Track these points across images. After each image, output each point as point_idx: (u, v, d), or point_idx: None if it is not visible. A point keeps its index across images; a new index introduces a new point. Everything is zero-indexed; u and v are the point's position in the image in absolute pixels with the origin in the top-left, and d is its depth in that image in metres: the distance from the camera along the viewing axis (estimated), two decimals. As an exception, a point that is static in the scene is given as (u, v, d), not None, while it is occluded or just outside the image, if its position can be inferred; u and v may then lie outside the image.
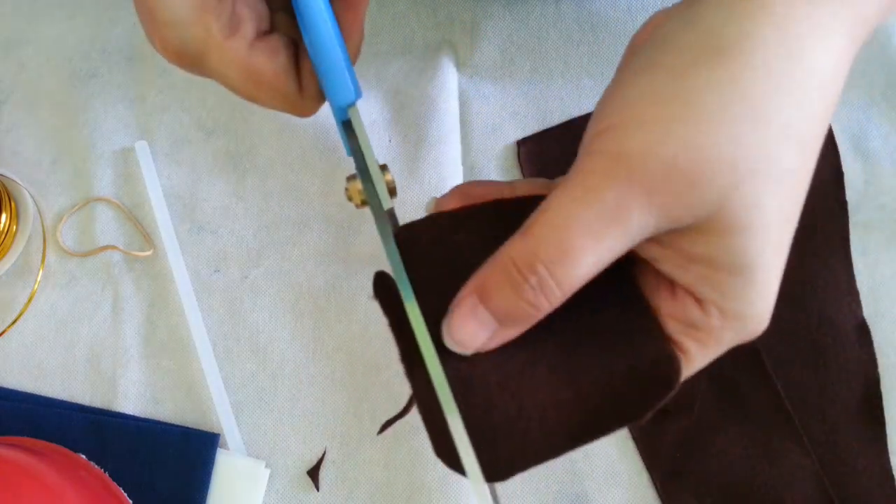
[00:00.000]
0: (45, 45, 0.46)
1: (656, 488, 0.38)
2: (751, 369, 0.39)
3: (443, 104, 0.43)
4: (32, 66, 0.46)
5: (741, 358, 0.39)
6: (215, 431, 0.39)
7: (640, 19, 0.45)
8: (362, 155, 0.30)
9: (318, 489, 0.39)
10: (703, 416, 0.39)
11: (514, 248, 0.24)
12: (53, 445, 0.38)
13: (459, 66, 0.45)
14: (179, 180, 0.44)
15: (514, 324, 0.25)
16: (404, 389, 0.40)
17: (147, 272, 0.42)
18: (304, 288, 0.42)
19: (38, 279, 0.42)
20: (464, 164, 0.43)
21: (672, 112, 0.23)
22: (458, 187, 0.30)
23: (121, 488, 0.37)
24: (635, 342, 0.26)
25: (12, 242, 0.42)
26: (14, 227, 0.42)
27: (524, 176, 0.43)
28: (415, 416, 0.39)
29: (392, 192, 0.30)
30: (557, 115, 0.44)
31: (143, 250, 0.43)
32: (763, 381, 0.39)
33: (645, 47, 0.25)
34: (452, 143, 0.43)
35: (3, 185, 0.43)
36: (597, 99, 0.44)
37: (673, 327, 0.26)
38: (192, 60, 0.29)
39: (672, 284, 0.26)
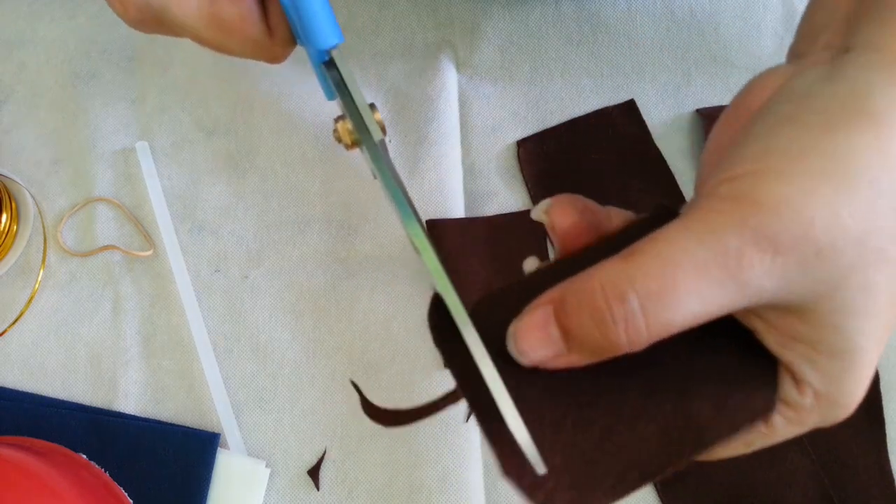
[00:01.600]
0: (46, 45, 0.46)
1: (656, 488, 0.38)
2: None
3: (443, 104, 0.43)
4: (33, 66, 0.46)
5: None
6: (215, 431, 0.39)
7: (641, 19, 0.45)
8: (349, 93, 0.28)
9: (318, 489, 0.39)
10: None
11: (608, 270, 0.22)
12: (54, 445, 0.38)
13: (459, 66, 0.45)
14: (180, 180, 0.44)
15: (584, 354, 0.23)
16: (404, 389, 0.40)
17: (147, 272, 0.42)
18: (304, 288, 0.42)
19: (39, 279, 0.42)
20: (464, 164, 0.43)
21: (816, 169, 0.21)
22: (568, 198, 0.27)
23: (121, 488, 0.37)
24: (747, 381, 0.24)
25: (13, 242, 0.42)
26: (14, 227, 0.42)
27: (524, 176, 0.43)
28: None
29: (382, 130, 0.28)
30: (557, 115, 0.44)
31: (143, 250, 0.43)
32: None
33: (779, 102, 0.23)
34: (452, 143, 0.43)
35: (4, 185, 0.43)
36: (596, 98, 0.44)
37: None
38: (154, 16, 0.28)
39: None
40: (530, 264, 0.28)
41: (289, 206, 0.43)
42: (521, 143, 0.43)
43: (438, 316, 0.24)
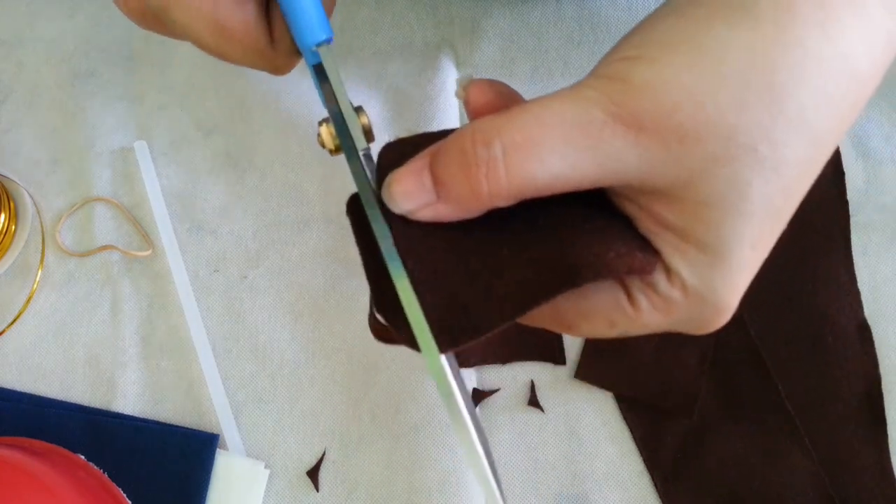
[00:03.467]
0: (44, 44, 0.46)
1: (657, 489, 0.38)
2: (751, 369, 0.39)
3: (442, 103, 0.43)
4: (31, 65, 0.46)
5: (741, 357, 0.39)
6: (214, 432, 0.39)
7: (641, 19, 0.45)
8: (335, 95, 0.28)
9: (317, 489, 0.39)
10: (703, 416, 0.39)
11: (482, 121, 0.23)
12: (52, 446, 0.37)
13: (459, 65, 0.45)
14: (178, 180, 0.44)
15: (449, 200, 0.24)
16: (404, 390, 0.40)
17: (146, 272, 0.42)
18: (304, 288, 0.41)
19: (37, 279, 0.42)
20: (464, 163, 0.43)
21: (686, 59, 0.21)
22: (489, 80, 0.27)
23: (120, 489, 0.37)
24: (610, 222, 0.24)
25: (11, 242, 0.42)
26: (13, 226, 0.42)
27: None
28: (413, 416, 0.39)
29: (368, 135, 0.28)
30: (557, 114, 0.44)
31: (141, 250, 0.42)
32: (764, 381, 0.39)
33: None
34: (452, 142, 0.43)
35: (2, 185, 0.43)
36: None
37: (633, 281, 0.25)
38: (155, 15, 0.28)
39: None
40: (462, 80, 0.28)
41: (288, 205, 0.43)
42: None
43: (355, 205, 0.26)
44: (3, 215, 0.42)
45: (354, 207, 0.27)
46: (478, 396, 0.39)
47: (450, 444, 0.39)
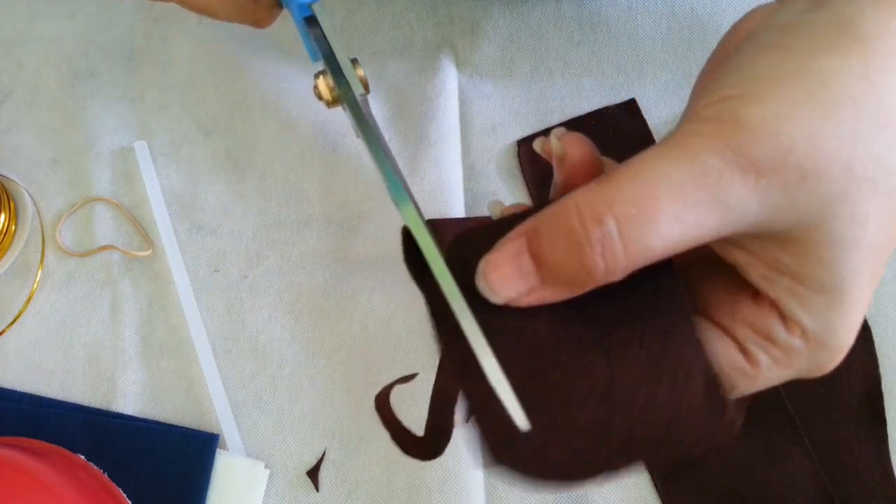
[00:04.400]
0: (44, 44, 0.46)
1: (656, 489, 0.38)
2: (751, 369, 0.39)
3: (442, 103, 0.43)
4: (31, 65, 0.46)
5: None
6: (214, 432, 0.39)
7: (641, 19, 0.45)
8: (330, 47, 0.27)
9: (317, 490, 0.39)
10: (703, 416, 0.39)
11: (584, 193, 0.21)
12: (52, 446, 0.37)
13: (459, 65, 0.45)
14: (178, 180, 0.44)
15: (559, 285, 0.22)
16: (404, 390, 0.40)
17: (146, 272, 0.42)
18: (304, 288, 0.41)
19: (37, 279, 0.42)
20: (464, 163, 0.43)
21: (799, 92, 0.20)
22: (579, 134, 0.25)
23: (119, 489, 0.37)
24: (685, 355, 0.23)
25: (11, 242, 0.42)
26: (13, 226, 0.42)
27: (524, 176, 0.43)
28: (413, 416, 0.39)
29: (365, 85, 0.27)
30: (557, 114, 0.44)
31: (141, 250, 0.42)
32: (764, 381, 0.39)
33: (764, 32, 0.22)
34: (452, 142, 0.43)
35: (2, 185, 0.43)
36: (597, 98, 0.44)
37: (748, 336, 0.23)
38: None
39: (757, 293, 0.23)
40: (495, 208, 0.27)
41: (288, 205, 0.43)
42: (522, 143, 0.43)
43: (411, 253, 0.24)
44: (3, 215, 0.42)
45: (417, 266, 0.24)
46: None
47: (450, 444, 0.39)
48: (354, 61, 0.27)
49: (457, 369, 0.23)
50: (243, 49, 0.45)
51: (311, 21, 0.28)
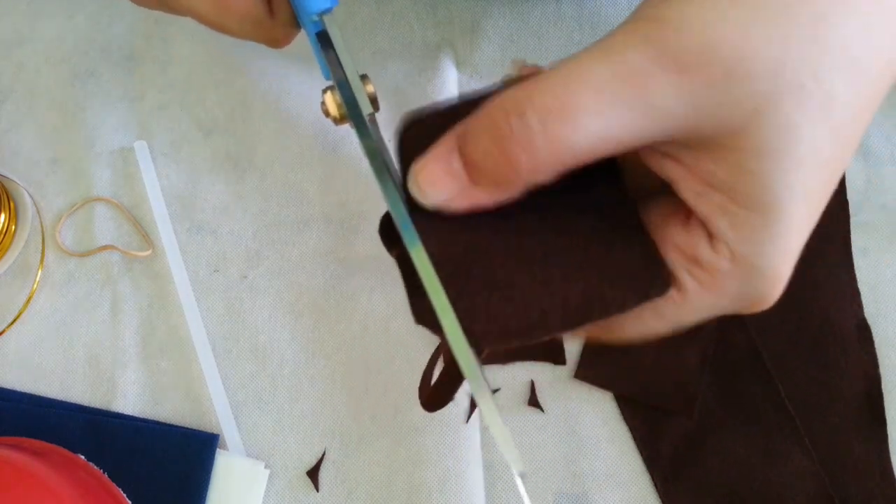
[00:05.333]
0: (44, 44, 0.46)
1: (657, 489, 0.38)
2: (751, 369, 0.39)
3: (443, 104, 0.43)
4: (31, 65, 0.46)
5: (742, 357, 0.39)
6: (214, 432, 0.39)
7: (641, 19, 0.45)
8: (339, 62, 0.27)
9: (317, 489, 0.39)
10: (703, 416, 0.39)
11: (508, 92, 0.21)
12: (52, 446, 0.37)
13: (459, 65, 0.45)
14: (178, 180, 0.44)
15: (486, 182, 0.22)
16: (404, 390, 0.40)
17: (146, 272, 0.42)
18: (304, 288, 0.41)
19: (37, 279, 0.42)
20: (464, 163, 0.43)
21: None
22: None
23: (119, 489, 0.37)
24: (629, 242, 0.23)
25: (11, 242, 0.42)
26: (13, 226, 0.42)
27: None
28: (413, 416, 0.39)
29: (374, 102, 0.26)
30: (557, 114, 0.44)
31: (141, 250, 0.42)
32: (764, 380, 0.39)
33: None
34: (452, 142, 0.43)
35: (2, 185, 0.43)
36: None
37: (676, 259, 0.23)
38: None
39: (686, 215, 0.23)
40: (515, 66, 0.26)
41: (288, 205, 0.43)
42: (522, 143, 0.43)
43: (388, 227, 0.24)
44: (2, 215, 0.42)
45: (386, 221, 0.25)
46: (478, 396, 0.39)
47: (450, 443, 0.39)
48: (364, 77, 0.27)
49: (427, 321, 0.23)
50: (243, 49, 0.45)
51: (322, 36, 0.28)
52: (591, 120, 0.20)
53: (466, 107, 0.23)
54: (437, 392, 0.31)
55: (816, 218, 0.22)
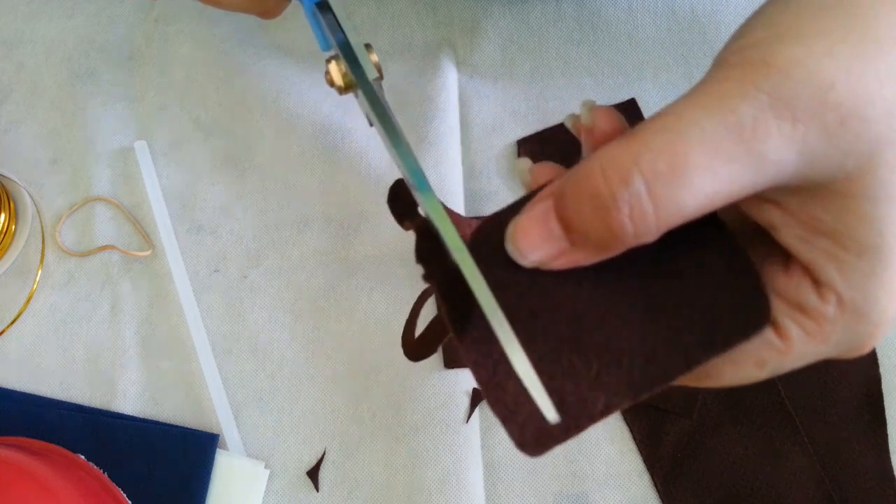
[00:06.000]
0: (44, 44, 0.46)
1: (657, 489, 0.38)
2: (751, 369, 0.39)
3: (442, 103, 0.43)
4: (31, 65, 0.46)
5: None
6: (214, 432, 0.39)
7: (642, 18, 0.45)
8: (343, 31, 0.26)
9: (317, 489, 0.39)
10: (703, 416, 0.39)
11: (609, 151, 0.19)
12: (52, 446, 0.37)
13: (459, 65, 0.45)
14: (178, 180, 0.44)
15: (588, 248, 0.21)
16: (404, 389, 0.40)
17: (146, 272, 0.42)
18: (304, 288, 0.41)
19: (37, 279, 0.42)
20: (464, 163, 0.43)
21: (836, 28, 0.18)
22: (613, 109, 0.25)
23: (119, 489, 0.37)
24: (726, 287, 0.21)
25: (11, 242, 0.42)
26: (13, 226, 0.42)
27: (524, 175, 0.43)
28: (413, 416, 0.39)
29: (378, 69, 0.26)
30: (557, 114, 0.44)
31: (142, 250, 0.42)
32: (764, 381, 0.39)
33: None
34: (452, 142, 0.43)
35: (2, 185, 0.43)
36: (597, 98, 0.44)
37: (779, 306, 0.21)
38: None
39: (787, 259, 0.21)
40: (523, 164, 0.26)
41: (288, 205, 0.43)
42: (522, 143, 0.43)
43: (424, 238, 0.23)
44: (3, 215, 0.42)
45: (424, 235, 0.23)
46: (478, 396, 0.39)
47: (450, 443, 0.39)
48: (368, 46, 0.27)
49: (477, 361, 0.22)
50: (243, 49, 0.45)
51: (322, 6, 0.28)
52: (702, 180, 0.18)
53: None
54: (422, 343, 0.30)
55: None
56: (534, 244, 0.21)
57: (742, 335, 0.22)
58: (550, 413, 0.21)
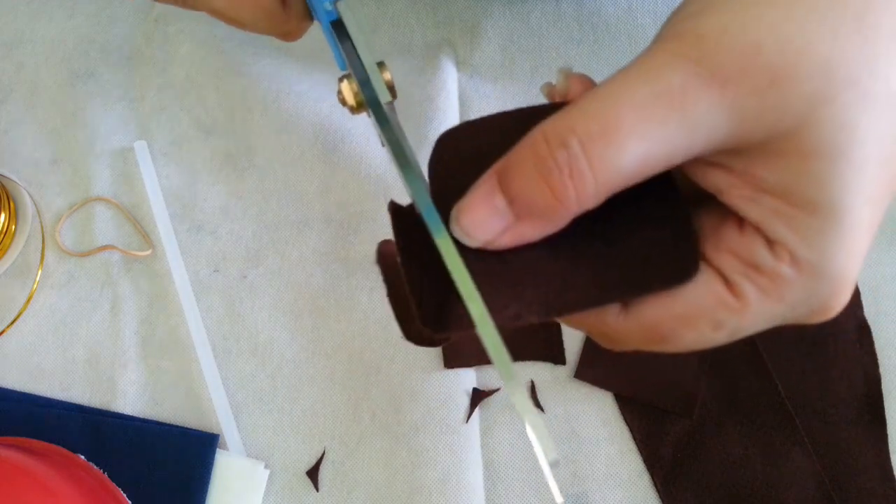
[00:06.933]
0: (44, 44, 0.46)
1: (657, 489, 0.38)
2: (751, 369, 0.39)
3: (443, 103, 0.43)
4: (31, 65, 0.46)
5: (741, 357, 0.39)
6: (214, 432, 0.39)
7: (641, 18, 0.45)
8: (356, 50, 0.26)
9: (317, 489, 0.39)
10: (703, 416, 0.39)
11: (549, 122, 0.20)
12: (52, 446, 0.37)
13: (459, 65, 0.45)
14: (178, 180, 0.44)
15: (533, 217, 0.21)
16: (404, 389, 0.40)
17: (146, 272, 0.42)
18: (304, 288, 0.41)
19: (37, 279, 0.42)
20: (463, 163, 0.43)
21: None
22: (585, 77, 0.25)
23: (119, 489, 0.37)
24: (662, 225, 0.22)
25: (11, 242, 0.42)
26: (13, 226, 0.42)
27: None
28: (413, 416, 0.39)
29: (391, 90, 0.26)
30: (557, 114, 0.44)
31: (141, 250, 0.42)
32: (764, 381, 0.39)
33: None
34: (452, 142, 0.43)
35: (2, 185, 0.43)
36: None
37: (732, 265, 0.21)
38: None
39: (738, 223, 0.22)
40: (564, 71, 0.26)
41: (288, 205, 0.43)
42: (521, 143, 0.43)
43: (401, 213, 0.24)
44: (3, 215, 0.42)
45: (402, 218, 0.24)
46: (478, 396, 0.39)
47: (450, 443, 0.39)
48: (381, 65, 0.26)
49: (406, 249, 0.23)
50: (243, 49, 0.45)
51: (337, 25, 0.28)
52: (635, 142, 0.19)
53: (501, 120, 0.23)
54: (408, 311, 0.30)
55: (880, 219, 0.21)
56: (479, 221, 0.21)
57: (663, 283, 0.22)
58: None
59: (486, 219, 0.21)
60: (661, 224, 0.23)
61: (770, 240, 0.21)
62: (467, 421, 0.39)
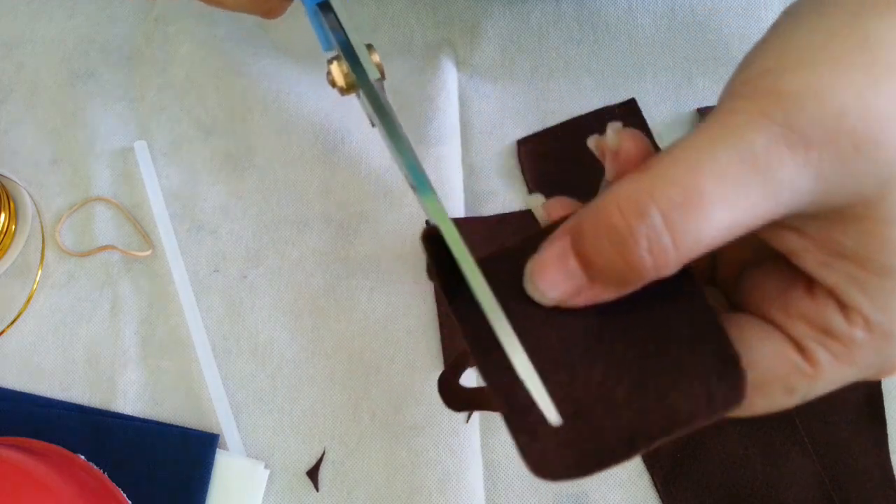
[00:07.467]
0: (44, 44, 0.46)
1: (657, 489, 0.38)
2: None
3: (443, 103, 0.43)
4: (31, 65, 0.46)
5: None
6: (214, 432, 0.39)
7: (642, 18, 0.45)
8: (344, 31, 0.27)
9: (317, 489, 0.39)
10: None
11: (624, 185, 0.20)
12: (52, 446, 0.37)
13: (459, 65, 0.45)
14: (178, 180, 0.44)
15: (608, 284, 0.21)
16: (404, 389, 0.40)
17: (146, 272, 0.42)
18: (304, 288, 0.41)
19: (37, 279, 0.42)
20: (464, 163, 0.43)
21: (846, 54, 0.18)
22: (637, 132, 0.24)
23: (119, 489, 0.37)
24: (705, 345, 0.22)
25: (11, 242, 0.42)
26: (13, 226, 0.42)
27: (524, 176, 0.43)
28: (413, 416, 0.39)
29: (380, 70, 0.26)
30: (558, 114, 0.44)
31: (141, 250, 0.42)
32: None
33: (805, 2, 0.21)
34: (452, 142, 0.43)
35: (2, 185, 0.43)
36: (597, 98, 0.44)
37: (803, 331, 0.21)
38: None
39: (807, 286, 0.21)
40: (535, 200, 0.26)
41: (288, 205, 0.43)
42: (522, 143, 0.43)
43: (438, 258, 0.23)
44: (3, 215, 0.42)
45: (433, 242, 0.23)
46: (478, 396, 0.39)
47: (450, 444, 0.39)
48: (370, 47, 0.27)
49: (488, 370, 0.22)
50: (243, 49, 0.45)
51: (323, 6, 0.28)
52: (720, 210, 0.19)
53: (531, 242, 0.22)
54: (463, 396, 0.30)
55: None
56: (553, 282, 0.21)
57: (709, 414, 0.22)
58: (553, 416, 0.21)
59: (560, 281, 0.21)
60: (695, 335, 0.22)
61: (843, 305, 0.21)
62: (467, 421, 0.39)
